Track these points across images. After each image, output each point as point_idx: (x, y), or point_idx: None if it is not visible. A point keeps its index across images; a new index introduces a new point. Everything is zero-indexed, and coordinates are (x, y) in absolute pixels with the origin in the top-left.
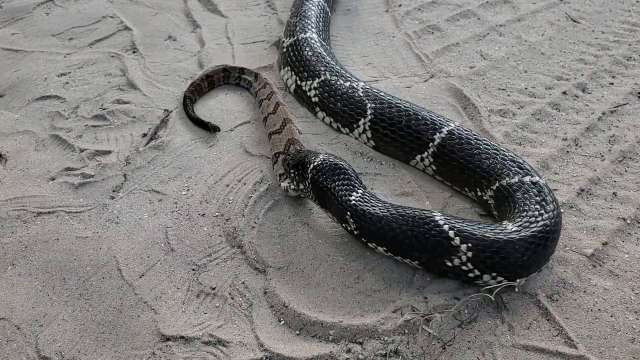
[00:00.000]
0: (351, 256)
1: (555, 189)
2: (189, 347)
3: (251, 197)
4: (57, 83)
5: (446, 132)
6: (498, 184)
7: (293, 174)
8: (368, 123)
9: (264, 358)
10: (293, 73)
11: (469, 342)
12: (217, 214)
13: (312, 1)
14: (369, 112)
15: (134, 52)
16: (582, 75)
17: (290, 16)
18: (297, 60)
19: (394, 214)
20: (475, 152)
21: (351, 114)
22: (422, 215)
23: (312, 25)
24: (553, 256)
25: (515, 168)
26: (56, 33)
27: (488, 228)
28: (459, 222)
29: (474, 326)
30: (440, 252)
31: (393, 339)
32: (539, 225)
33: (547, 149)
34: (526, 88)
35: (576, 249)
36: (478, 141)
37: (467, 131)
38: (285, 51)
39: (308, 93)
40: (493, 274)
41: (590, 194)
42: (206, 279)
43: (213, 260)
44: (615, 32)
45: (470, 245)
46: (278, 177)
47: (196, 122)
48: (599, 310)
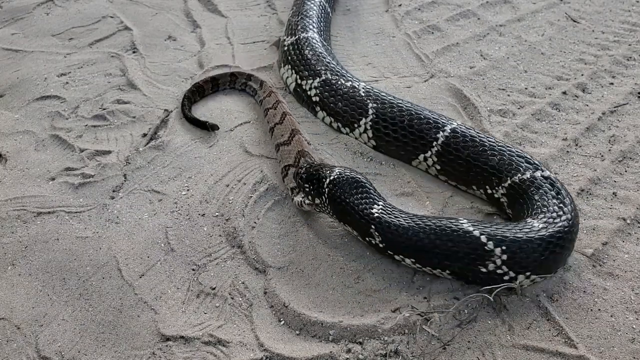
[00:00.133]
0: (351, 256)
1: None
2: (189, 347)
3: (251, 197)
4: (57, 83)
5: (450, 131)
6: (510, 181)
7: (308, 189)
8: (369, 123)
9: (264, 358)
10: (293, 72)
11: (469, 342)
12: (217, 214)
13: (314, 1)
14: (371, 112)
15: (134, 52)
16: (582, 75)
17: (291, 15)
18: (298, 59)
19: (421, 224)
20: (481, 149)
21: (352, 114)
22: (450, 223)
23: (314, 24)
24: None
25: (524, 163)
26: (56, 33)
27: (516, 228)
28: (488, 226)
29: (474, 326)
30: (473, 259)
31: (393, 339)
32: (563, 219)
33: (547, 149)
34: (526, 88)
35: (576, 249)
36: (483, 138)
37: (471, 129)
38: (286, 49)
39: (308, 92)
40: (527, 274)
41: (590, 194)
42: (206, 279)
43: (213, 260)
44: (615, 32)
45: (504, 247)
46: (290, 191)
47: (192, 122)
48: (599, 310)
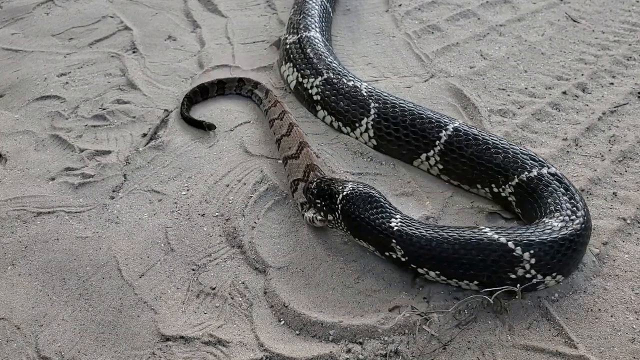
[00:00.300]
0: (351, 256)
1: None
2: (189, 347)
3: (251, 197)
4: (57, 83)
5: (452, 129)
6: (518, 179)
7: (320, 205)
8: (371, 122)
9: (264, 358)
10: (295, 70)
11: (469, 342)
12: (217, 214)
13: (316, 0)
14: (373, 112)
15: (134, 52)
16: (582, 75)
17: (292, 13)
18: (300, 57)
19: (444, 235)
20: (485, 148)
21: (354, 113)
22: (474, 232)
23: (316, 23)
24: None
25: (530, 161)
26: (56, 33)
27: (539, 231)
28: (512, 232)
29: (474, 326)
30: (502, 267)
31: (393, 339)
32: (579, 216)
33: (547, 149)
34: (526, 88)
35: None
36: (486, 137)
37: (473, 128)
38: (288, 48)
39: (309, 91)
40: (553, 274)
41: (590, 194)
42: (206, 279)
43: (213, 260)
44: (615, 32)
45: (532, 252)
46: (300, 207)
47: (189, 122)
48: (599, 310)
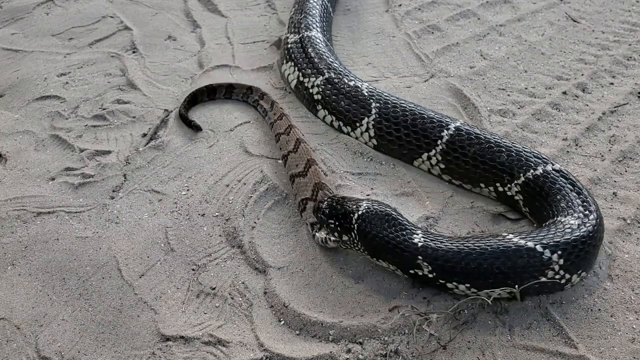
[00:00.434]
0: (351, 256)
1: None
2: (189, 347)
3: (251, 197)
4: (57, 83)
5: (454, 129)
6: (524, 178)
7: (333, 225)
8: (372, 122)
9: (264, 358)
10: (296, 69)
11: (469, 342)
12: (217, 214)
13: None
14: (374, 111)
15: (134, 52)
16: (582, 75)
17: (293, 13)
18: (302, 56)
19: (470, 246)
20: (488, 146)
21: (355, 113)
22: (499, 240)
23: (317, 23)
24: None
25: (533, 158)
26: (56, 33)
27: (560, 231)
28: (536, 235)
29: (474, 326)
30: (533, 271)
31: (393, 339)
32: (592, 212)
33: (547, 149)
34: (526, 88)
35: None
36: (488, 136)
37: (475, 127)
38: (289, 47)
39: (310, 90)
40: (579, 272)
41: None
42: (206, 279)
43: (213, 260)
44: (615, 32)
45: (560, 252)
46: (310, 227)
47: (182, 118)
48: (599, 310)
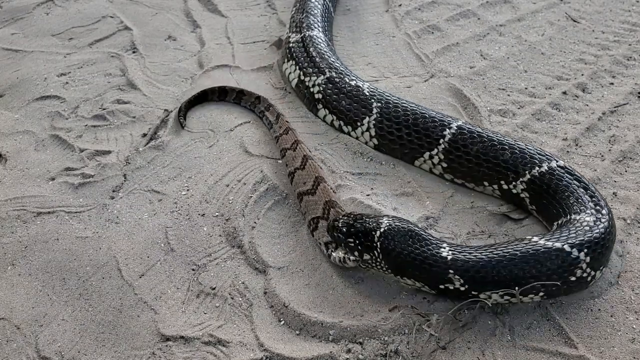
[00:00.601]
0: None
1: None
2: (189, 347)
3: (251, 197)
4: (57, 83)
5: (456, 127)
6: (530, 175)
7: (353, 244)
8: (373, 121)
9: (264, 358)
10: (297, 68)
11: (469, 342)
12: (217, 214)
13: None
14: (375, 111)
15: (134, 52)
16: (582, 75)
17: (295, 12)
18: (303, 56)
19: (500, 253)
20: (491, 145)
21: (356, 112)
22: (526, 244)
23: (319, 23)
24: None
25: (538, 155)
26: (56, 33)
27: (580, 228)
28: (560, 235)
29: (474, 326)
30: (563, 271)
31: (393, 339)
32: (603, 207)
33: (547, 149)
34: (526, 88)
35: None
36: (490, 134)
37: (477, 126)
38: (290, 46)
39: (311, 89)
40: (601, 268)
41: None
42: (206, 279)
43: (213, 260)
44: (615, 32)
45: (586, 250)
46: (324, 247)
47: (180, 110)
48: (599, 310)
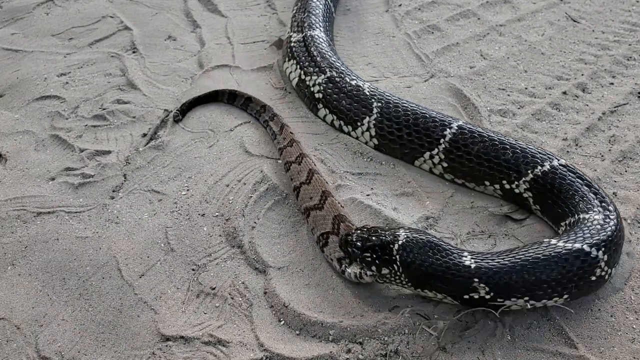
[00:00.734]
0: None
1: None
2: (189, 347)
3: (251, 197)
4: (57, 83)
5: (457, 127)
6: (532, 174)
7: (370, 259)
8: (373, 121)
9: (264, 358)
10: (298, 67)
11: (469, 342)
12: (217, 214)
13: None
14: (375, 111)
15: (134, 52)
16: (582, 75)
17: (296, 11)
18: (304, 55)
19: (522, 258)
20: (492, 144)
21: (356, 112)
22: (546, 246)
23: (320, 22)
24: None
25: (539, 154)
26: (56, 33)
27: (592, 228)
28: (576, 236)
29: (474, 326)
30: (585, 272)
31: (393, 339)
32: (609, 203)
33: (547, 149)
34: (526, 88)
35: None
36: (491, 133)
37: (478, 126)
38: (292, 46)
39: (312, 88)
40: (615, 265)
41: None
42: (206, 279)
43: (213, 260)
44: (615, 32)
45: (603, 249)
46: (337, 263)
47: (184, 105)
48: (599, 310)
